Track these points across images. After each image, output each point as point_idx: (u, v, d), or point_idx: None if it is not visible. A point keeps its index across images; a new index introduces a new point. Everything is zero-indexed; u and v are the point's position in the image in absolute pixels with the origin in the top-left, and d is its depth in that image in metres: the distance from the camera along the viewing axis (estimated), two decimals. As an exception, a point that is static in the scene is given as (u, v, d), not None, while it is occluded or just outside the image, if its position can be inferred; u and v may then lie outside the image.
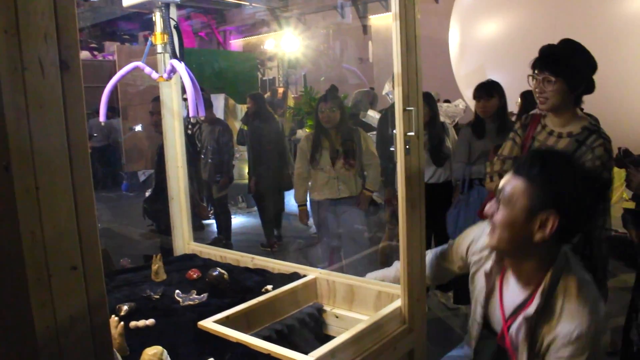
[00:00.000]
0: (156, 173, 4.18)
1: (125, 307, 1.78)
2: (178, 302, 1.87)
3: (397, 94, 1.53)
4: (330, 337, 1.73)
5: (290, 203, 5.20)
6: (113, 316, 1.54)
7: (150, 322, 1.70)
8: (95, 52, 13.05)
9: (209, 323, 1.64)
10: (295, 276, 2.04)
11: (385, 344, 1.59)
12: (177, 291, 1.94)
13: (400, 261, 1.62)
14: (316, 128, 3.81)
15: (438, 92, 6.17)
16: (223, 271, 2.01)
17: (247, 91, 7.77)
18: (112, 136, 8.48)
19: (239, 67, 10.66)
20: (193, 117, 1.87)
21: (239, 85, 9.67)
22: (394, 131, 1.55)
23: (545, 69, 2.08)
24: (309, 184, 3.87)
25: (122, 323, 1.49)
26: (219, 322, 1.65)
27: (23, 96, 0.75)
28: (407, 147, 1.54)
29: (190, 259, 2.39)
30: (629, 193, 3.52)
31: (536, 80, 2.11)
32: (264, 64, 13.30)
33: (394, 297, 1.76)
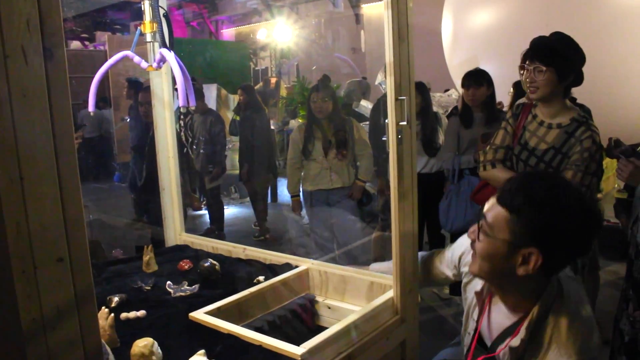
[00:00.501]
0: (146, 164, 4.15)
1: (115, 299, 1.78)
2: (169, 293, 1.87)
3: (389, 83, 1.52)
4: (322, 328, 1.73)
5: (284, 193, 5.17)
6: (103, 308, 1.53)
7: (141, 313, 1.69)
8: (86, 42, 12.94)
9: (200, 314, 1.64)
10: (287, 267, 2.04)
11: (377, 334, 1.59)
12: (169, 282, 1.93)
13: (392, 251, 1.61)
14: (308, 118, 3.79)
15: (429, 82, 6.15)
16: (215, 262, 2.00)
17: (239, 81, 7.73)
18: (104, 127, 8.43)
19: (232, 57, 10.58)
20: (183, 107, 1.86)
21: (231, 75, 9.58)
22: (387, 121, 1.54)
23: (537, 59, 2.12)
24: (302, 174, 3.86)
25: (112, 315, 1.48)
26: (210, 313, 1.64)
27: (6, 85, 0.74)
28: (400, 137, 1.54)
29: (182, 250, 2.38)
30: (621, 183, 3.53)
31: (527, 70, 2.16)
32: (257, 54, 13.21)
33: (386, 287, 1.76)
